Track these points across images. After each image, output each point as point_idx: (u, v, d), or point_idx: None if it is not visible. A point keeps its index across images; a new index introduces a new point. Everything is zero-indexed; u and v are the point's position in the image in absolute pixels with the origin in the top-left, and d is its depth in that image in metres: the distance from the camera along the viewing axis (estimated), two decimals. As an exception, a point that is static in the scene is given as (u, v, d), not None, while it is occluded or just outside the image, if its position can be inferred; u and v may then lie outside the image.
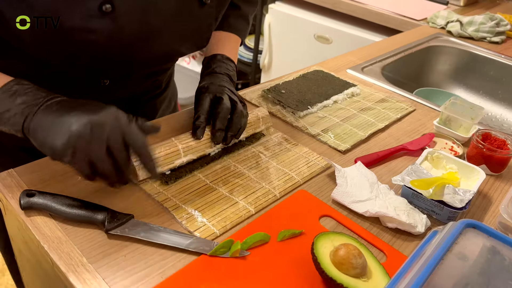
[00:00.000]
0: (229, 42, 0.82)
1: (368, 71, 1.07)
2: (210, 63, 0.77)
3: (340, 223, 0.60)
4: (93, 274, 0.49)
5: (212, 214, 0.58)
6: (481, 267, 0.43)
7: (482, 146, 0.72)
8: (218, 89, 0.69)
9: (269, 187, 0.64)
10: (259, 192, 0.63)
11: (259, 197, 0.62)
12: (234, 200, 0.61)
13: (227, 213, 0.59)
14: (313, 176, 0.69)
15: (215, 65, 0.76)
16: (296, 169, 0.69)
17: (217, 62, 0.76)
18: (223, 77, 0.73)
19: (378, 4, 1.57)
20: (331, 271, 0.48)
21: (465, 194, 0.60)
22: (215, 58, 0.77)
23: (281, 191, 0.64)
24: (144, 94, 0.83)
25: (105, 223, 0.53)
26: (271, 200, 0.62)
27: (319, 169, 0.70)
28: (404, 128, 0.85)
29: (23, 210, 0.55)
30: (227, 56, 0.78)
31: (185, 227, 0.56)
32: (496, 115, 1.25)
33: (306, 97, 0.89)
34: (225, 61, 0.77)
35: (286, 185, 0.65)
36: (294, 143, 0.75)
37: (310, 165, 0.70)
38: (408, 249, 0.57)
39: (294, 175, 0.67)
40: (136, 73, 0.73)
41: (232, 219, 0.58)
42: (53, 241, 0.52)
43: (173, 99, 0.96)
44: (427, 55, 1.32)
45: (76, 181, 0.61)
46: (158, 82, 0.84)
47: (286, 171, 0.68)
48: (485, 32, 1.35)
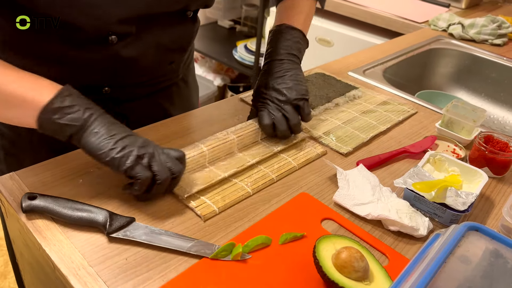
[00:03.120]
0: (297, 11, 0.78)
1: (370, 74, 1.07)
2: (272, 38, 0.75)
3: (342, 226, 0.60)
4: (94, 277, 0.49)
5: (212, 193, 0.62)
6: (483, 270, 0.43)
7: (484, 148, 0.72)
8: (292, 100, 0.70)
9: (267, 170, 0.68)
10: (257, 175, 0.67)
11: (257, 179, 0.66)
12: (233, 181, 0.65)
13: (226, 192, 0.62)
14: (309, 162, 0.72)
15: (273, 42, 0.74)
16: (293, 155, 0.72)
17: (278, 36, 0.74)
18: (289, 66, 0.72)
19: (379, 7, 1.57)
20: (333, 274, 0.48)
21: (468, 196, 0.60)
22: (278, 31, 0.74)
23: (277, 175, 0.67)
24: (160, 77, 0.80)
25: (107, 226, 0.53)
26: (268, 182, 0.66)
27: (315, 155, 0.73)
28: (406, 131, 0.85)
29: (24, 213, 0.55)
30: (291, 25, 0.75)
31: (186, 203, 0.59)
32: (498, 117, 1.25)
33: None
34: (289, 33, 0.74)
35: (283, 169, 0.69)
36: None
37: (306, 151, 0.74)
38: (410, 252, 0.57)
39: (291, 160, 0.71)
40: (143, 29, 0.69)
41: (231, 198, 0.61)
42: (54, 244, 0.52)
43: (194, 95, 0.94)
44: (429, 58, 1.32)
45: (77, 184, 0.61)
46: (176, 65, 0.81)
47: (283, 156, 0.72)
48: (487, 34, 1.35)
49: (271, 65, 0.74)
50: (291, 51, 0.74)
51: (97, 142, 0.54)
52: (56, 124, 0.54)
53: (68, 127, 0.54)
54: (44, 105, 0.54)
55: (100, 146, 0.54)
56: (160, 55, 0.74)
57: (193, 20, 0.76)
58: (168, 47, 0.74)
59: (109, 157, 0.54)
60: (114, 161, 0.54)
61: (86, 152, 0.55)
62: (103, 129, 0.55)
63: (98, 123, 0.55)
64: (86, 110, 0.55)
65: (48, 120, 0.54)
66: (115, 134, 0.55)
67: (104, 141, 0.54)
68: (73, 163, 0.65)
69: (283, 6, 0.80)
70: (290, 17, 0.77)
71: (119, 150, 0.54)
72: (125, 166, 0.54)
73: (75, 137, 0.55)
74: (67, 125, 0.54)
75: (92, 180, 0.62)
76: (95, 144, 0.54)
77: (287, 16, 0.77)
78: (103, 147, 0.54)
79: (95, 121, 0.55)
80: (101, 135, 0.55)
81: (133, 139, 0.56)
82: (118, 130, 0.56)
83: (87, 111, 0.55)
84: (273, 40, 0.76)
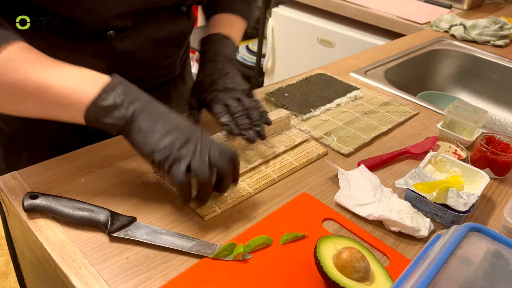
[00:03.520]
0: (229, 23, 0.80)
1: (371, 75, 1.07)
2: (206, 42, 0.75)
3: (343, 227, 0.60)
4: (95, 276, 0.49)
5: (213, 194, 0.60)
6: (485, 271, 0.43)
7: (486, 149, 0.72)
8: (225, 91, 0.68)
9: (269, 170, 0.68)
10: (259, 175, 0.67)
11: (258, 180, 0.66)
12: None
13: (228, 192, 0.62)
14: (311, 162, 0.72)
15: (209, 45, 0.74)
16: (294, 156, 0.72)
17: (212, 41, 0.75)
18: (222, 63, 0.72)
19: (381, 7, 1.57)
20: (334, 275, 0.48)
21: (469, 197, 0.60)
22: (211, 38, 0.76)
23: (279, 175, 0.67)
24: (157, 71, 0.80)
25: (108, 226, 0.53)
26: (270, 183, 0.66)
27: (316, 156, 0.73)
28: (408, 132, 0.85)
29: (26, 213, 0.55)
30: (223, 34, 0.76)
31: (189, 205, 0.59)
32: (500, 118, 1.25)
33: (309, 100, 0.89)
34: (222, 40, 0.75)
35: (284, 169, 0.69)
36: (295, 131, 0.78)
37: (308, 151, 0.74)
38: (411, 252, 0.57)
39: (292, 160, 0.71)
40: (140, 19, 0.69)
41: (232, 198, 0.61)
42: (55, 244, 0.52)
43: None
44: (431, 59, 1.32)
45: (79, 184, 0.61)
46: (172, 60, 0.82)
47: (284, 156, 0.72)
48: (489, 35, 1.35)
49: (213, 65, 0.73)
50: (230, 56, 0.75)
51: (141, 141, 0.54)
52: (101, 124, 0.54)
53: (113, 125, 0.54)
54: (87, 106, 0.53)
55: (143, 146, 0.54)
56: (156, 49, 0.74)
57: (187, 15, 0.77)
58: (163, 41, 0.74)
59: (149, 161, 0.54)
60: (155, 165, 0.54)
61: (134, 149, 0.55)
62: (146, 126, 0.54)
63: (141, 119, 0.54)
64: (129, 105, 0.54)
65: (94, 120, 0.54)
66: (157, 130, 0.54)
67: (146, 140, 0.53)
68: (75, 163, 0.65)
69: (219, 19, 0.82)
70: (227, 29, 0.79)
71: (159, 151, 0.53)
72: (164, 171, 0.53)
73: (122, 134, 0.55)
74: (111, 124, 0.54)
75: (94, 180, 0.62)
76: (139, 144, 0.54)
77: (224, 28, 0.79)
78: (145, 149, 0.54)
79: (138, 117, 0.54)
80: (144, 134, 0.54)
81: (177, 133, 0.54)
82: (162, 125, 0.54)
83: (130, 107, 0.54)
84: (214, 45, 0.76)
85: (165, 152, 0.53)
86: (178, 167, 0.53)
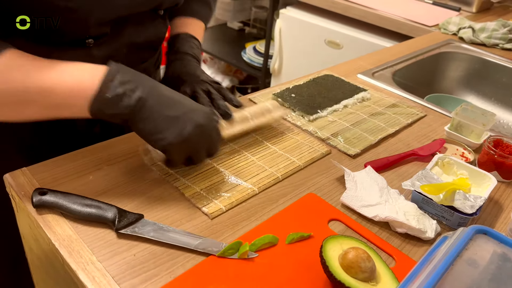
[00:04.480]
0: (192, 25, 0.86)
1: (379, 76, 1.07)
2: (174, 42, 0.81)
3: (349, 227, 0.60)
4: (103, 272, 0.49)
5: (218, 192, 0.62)
6: (491, 273, 0.43)
7: (493, 152, 0.71)
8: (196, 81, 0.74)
9: (272, 170, 0.68)
10: (263, 174, 0.67)
11: (262, 179, 0.66)
12: (239, 181, 0.65)
13: (233, 192, 0.63)
14: (314, 161, 0.73)
15: (179, 44, 0.80)
16: (298, 155, 0.73)
17: (180, 40, 0.81)
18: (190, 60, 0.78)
19: (389, 9, 1.57)
20: (339, 275, 0.48)
21: (476, 200, 0.60)
22: (179, 37, 0.81)
23: (283, 174, 0.68)
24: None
25: (115, 222, 0.54)
26: (273, 181, 0.67)
27: (319, 154, 0.74)
28: (415, 134, 0.85)
29: (35, 208, 0.55)
30: (190, 34, 0.82)
31: (193, 202, 0.60)
32: (508, 122, 1.24)
33: (316, 101, 0.89)
34: (188, 39, 0.81)
35: (288, 168, 0.69)
36: (297, 131, 0.80)
37: (311, 151, 0.74)
38: (417, 254, 0.57)
39: (296, 159, 0.71)
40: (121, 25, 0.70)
41: (237, 196, 0.62)
42: (63, 239, 0.52)
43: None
44: (439, 61, 1.31)
45: (87, 181, 0.62)
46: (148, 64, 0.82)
47: (288, 156, 0.72)
48: (498, 38, 1.34)
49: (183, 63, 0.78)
50: (197, 56, 0.82)
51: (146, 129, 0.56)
52: (107, 115, 0.55)
53: (119, 115, 0.55)
54: (90, 101, 0.54)
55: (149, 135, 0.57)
56: (133, 54, 0.75)
57: (163, 19, 0.78)
58: (140, 46, 0.75)
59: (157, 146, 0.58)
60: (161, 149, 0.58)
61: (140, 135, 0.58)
62: (151, 114, 0.56)
63: (146, 107, 0.55)
64: (132, 94, 0.55)
65: (99, 112, 0.55)
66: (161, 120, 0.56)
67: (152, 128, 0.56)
68: (84, 160, 0.65)
69: (183, 21, 0.87)
70: (191, 29, 0.86)
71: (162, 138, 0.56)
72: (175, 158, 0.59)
73: (129, 123, 0.56)
74: (118, 113, 0.55)
75: (102, 177, 0.63)
76: (144, 133, 0.57)
77: (188, 29, 0.85)
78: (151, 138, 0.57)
79: (143, 106, 0.55)
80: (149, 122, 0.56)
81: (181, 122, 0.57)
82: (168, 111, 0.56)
83: (133, 95, 0.55)
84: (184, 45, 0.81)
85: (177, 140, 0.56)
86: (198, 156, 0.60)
